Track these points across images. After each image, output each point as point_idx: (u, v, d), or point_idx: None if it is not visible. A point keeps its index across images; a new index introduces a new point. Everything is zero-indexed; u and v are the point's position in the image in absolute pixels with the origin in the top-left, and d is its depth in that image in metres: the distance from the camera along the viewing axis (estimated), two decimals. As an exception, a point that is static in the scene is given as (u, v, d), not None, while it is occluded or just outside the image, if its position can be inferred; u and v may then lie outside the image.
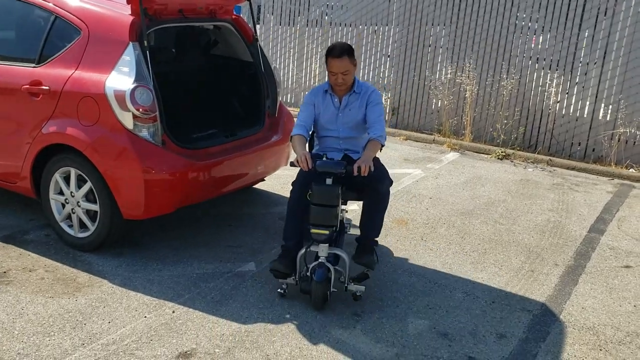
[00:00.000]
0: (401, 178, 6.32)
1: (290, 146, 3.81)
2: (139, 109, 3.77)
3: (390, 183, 3.79)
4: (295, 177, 3.73)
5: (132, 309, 3.51)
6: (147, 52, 3.87)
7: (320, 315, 3.55)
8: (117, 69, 3.84)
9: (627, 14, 7.00)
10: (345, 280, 3.68)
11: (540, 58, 7.64)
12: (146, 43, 3.88)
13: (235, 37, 4.86)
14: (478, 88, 7.94)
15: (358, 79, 3.89)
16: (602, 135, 7.30)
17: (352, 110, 3.83)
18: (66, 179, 4.16)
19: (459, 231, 4.99)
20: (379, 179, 3.65)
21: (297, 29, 9.55)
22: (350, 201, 4.07)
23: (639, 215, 5.64)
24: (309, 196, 3.50)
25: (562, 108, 7.56)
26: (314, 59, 9.49)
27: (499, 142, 7.75)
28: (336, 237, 3.75)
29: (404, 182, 6.23)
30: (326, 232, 3.46)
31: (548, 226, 5.21)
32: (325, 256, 3.57)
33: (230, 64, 5.06)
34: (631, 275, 4.36)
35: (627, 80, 7.10)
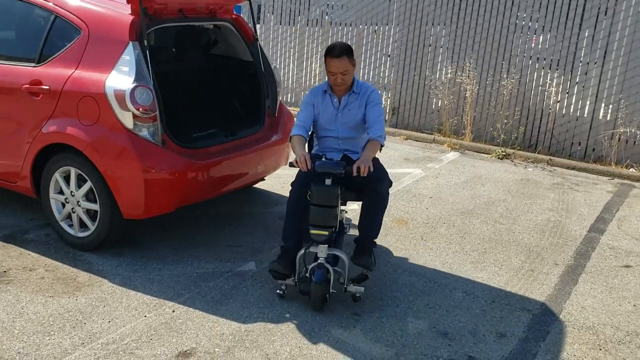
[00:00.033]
0: (401, 178, 6.32)
1: (290, 146, 3.80)
2: (139, 108, 3.77)
3: (389, 184, 3.78)
4: (294, 178, 3.73)
5: (132, 309, 3.52)
6: (147, 52, 3.88)
7: (320, 315, 3.55)
8: (117, 68, 3.85)
9: (628, 14, 7.00)
10: (344, 282, 3.67)
11: (540, 58, 7.63)
12: (146, 42, 3.88)
13: (236, 37, 4.86)
14: (478, 88, 7.93)
15: (357, 79, 3.88)
16: (602, 135, 7.30)
17: (352, 110, 3.81)
18: (66, 178, 4.17)
19: (459, 231, 4.99)
20: (378, 179, 3.64)
21: (298, 29, 9.55)
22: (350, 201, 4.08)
23: (639, 215, 5.64)
24: (308, 197, 3.49)
25: (562, 108, 7.56)
26: (314, 58, 9.49)
27: (499, 141, 7.75)
28: (336, 237, 3.74)
29: (404, 181, 6.23)
30: (326, 233, 3.45)
31: (548, 226, 5.21)
32: (325, 257, 3.56)
33: (230, 64, 5.06)
34: (631, 274, 4.36)
35: (627, 79, 7.10)
